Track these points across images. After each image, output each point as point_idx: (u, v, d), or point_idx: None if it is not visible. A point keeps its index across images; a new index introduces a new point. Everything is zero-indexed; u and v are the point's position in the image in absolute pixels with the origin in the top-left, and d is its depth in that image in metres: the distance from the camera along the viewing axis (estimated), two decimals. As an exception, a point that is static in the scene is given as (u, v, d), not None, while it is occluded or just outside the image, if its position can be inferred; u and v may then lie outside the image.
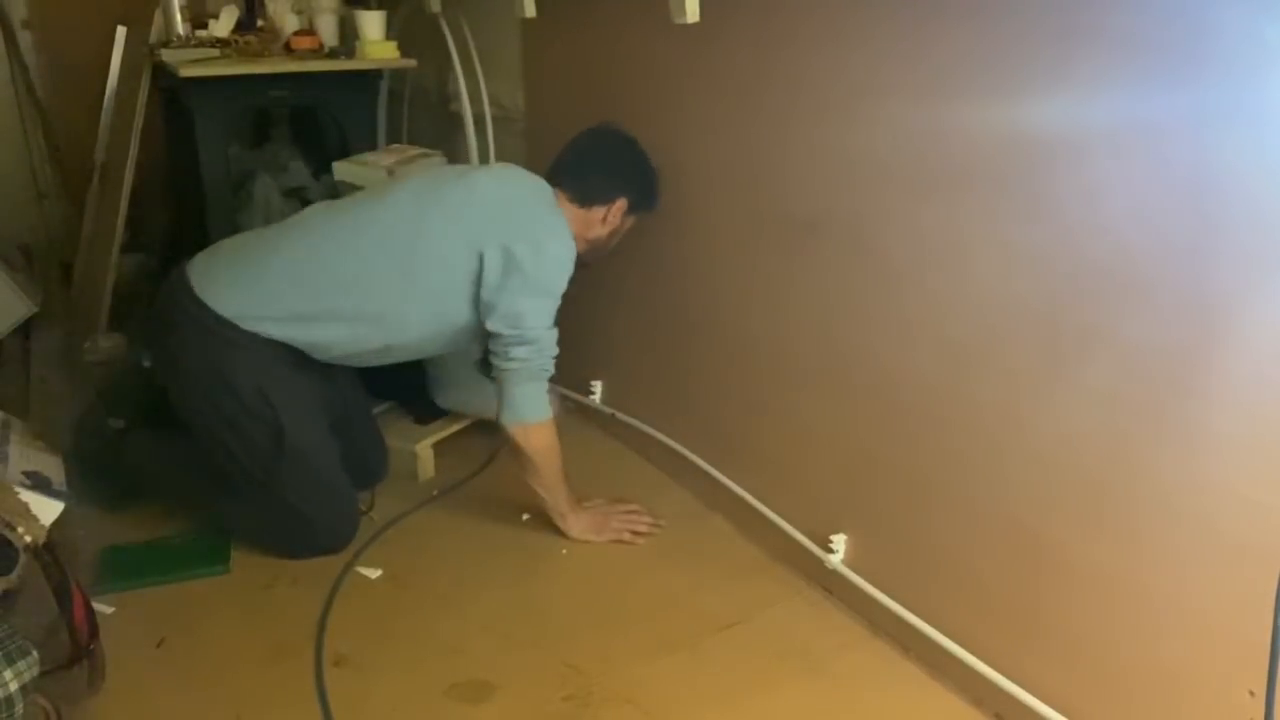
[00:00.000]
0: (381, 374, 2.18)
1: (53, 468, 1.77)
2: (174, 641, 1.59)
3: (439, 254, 1.77)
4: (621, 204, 1.90)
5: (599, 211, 1.89)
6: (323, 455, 1.82)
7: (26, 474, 1.69)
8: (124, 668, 1.48)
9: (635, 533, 1.87)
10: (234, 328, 1.72)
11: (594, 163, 1.91)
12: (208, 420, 1.78)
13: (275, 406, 1.74)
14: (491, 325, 1.76)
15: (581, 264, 1.89)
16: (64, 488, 1.72)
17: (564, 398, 2.32)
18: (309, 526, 1.80)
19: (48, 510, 1.52)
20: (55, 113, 3.27)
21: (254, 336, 1.73)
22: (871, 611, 1.61)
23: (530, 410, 1.79)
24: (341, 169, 2.17)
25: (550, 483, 1.85)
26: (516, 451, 1.82)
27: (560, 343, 1.81)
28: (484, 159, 2.50)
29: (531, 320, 1.76)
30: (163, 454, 1.91)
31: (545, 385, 1.81)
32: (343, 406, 1.94)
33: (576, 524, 1.86)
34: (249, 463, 1.78)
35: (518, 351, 1.75)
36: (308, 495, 1.79)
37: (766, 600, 1.69)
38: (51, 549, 1.39)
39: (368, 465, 2.02)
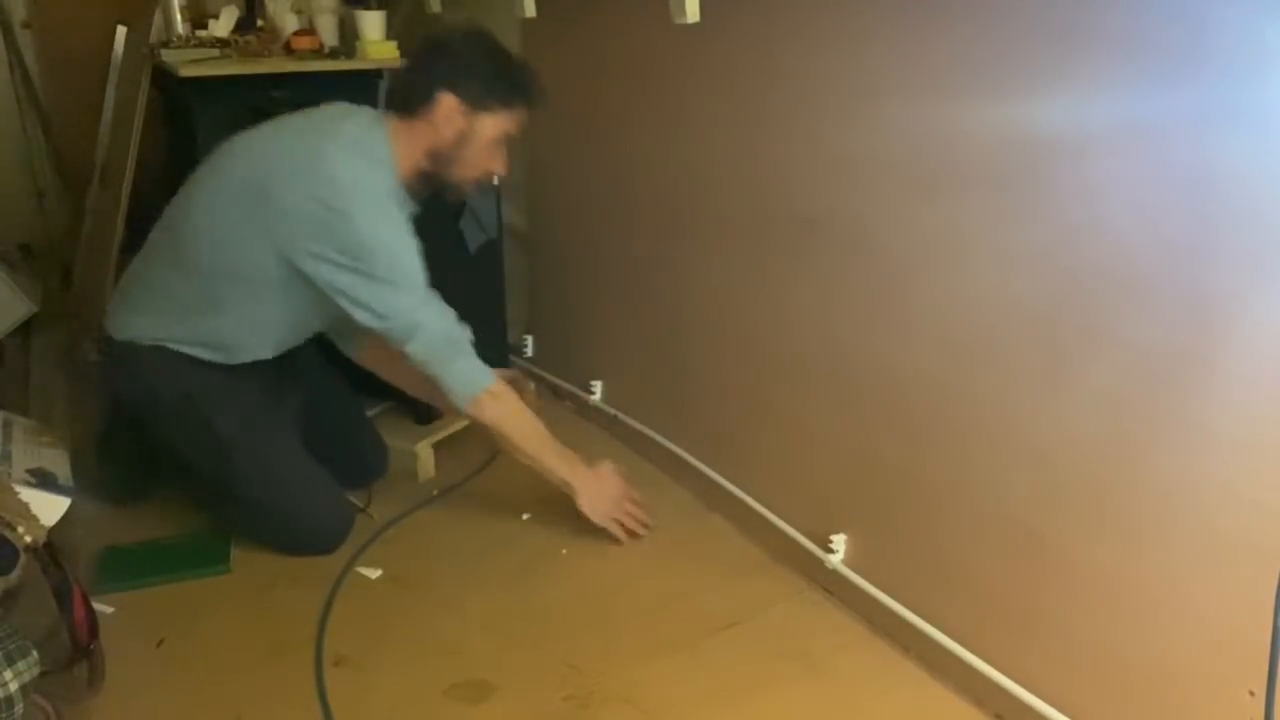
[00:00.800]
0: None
1: (58, 464, 1.77)
2: (174, 641, 1.59)
3: (260, 266, 1.65)
4: (450, 101, 1.66)
5: (425, 116, 1.67)
6: (278, 454, 1.80)
7: (31, 471, 1.69)
8: (124, 668, 1.48)
9: (630, 533, 1.84)
10: (137, 348, 1.75)
11: (412, 65, 1.74)
12: (159, 436, 1.82)
13: (204, 410, 1.75)
14: (362, 324, 1.65)
15: (444, 186, 1.75)
16: (69, 483, 1.73)
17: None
18: (287, 525, 1.81)
19: (53, 507, 1.52)
20: (55, 113, 3.27)
21: (159, 349, 1.74)
22: (871, 611, 1.61)
23: (468, 384, 1.69)
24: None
25: (533, 449, 1.75)
26: (485, 431, 1.74)
27: (559, 342, 1.77)
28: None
29: (395, 309, 1.62)
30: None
31: (469, 353, 1.69)
32: (298, 399, 1.92)
33: (586, 491, 1.77)
34: (208, 471, 1.80)
35: (412, 347, 1.65)
36: (276, 496, 1.79)
37: (766, 600, 1.69)
38: (51, 549, 1.39)
39: (364, 462, 2.02)
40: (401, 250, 1.63)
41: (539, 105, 1.75)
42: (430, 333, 1.66)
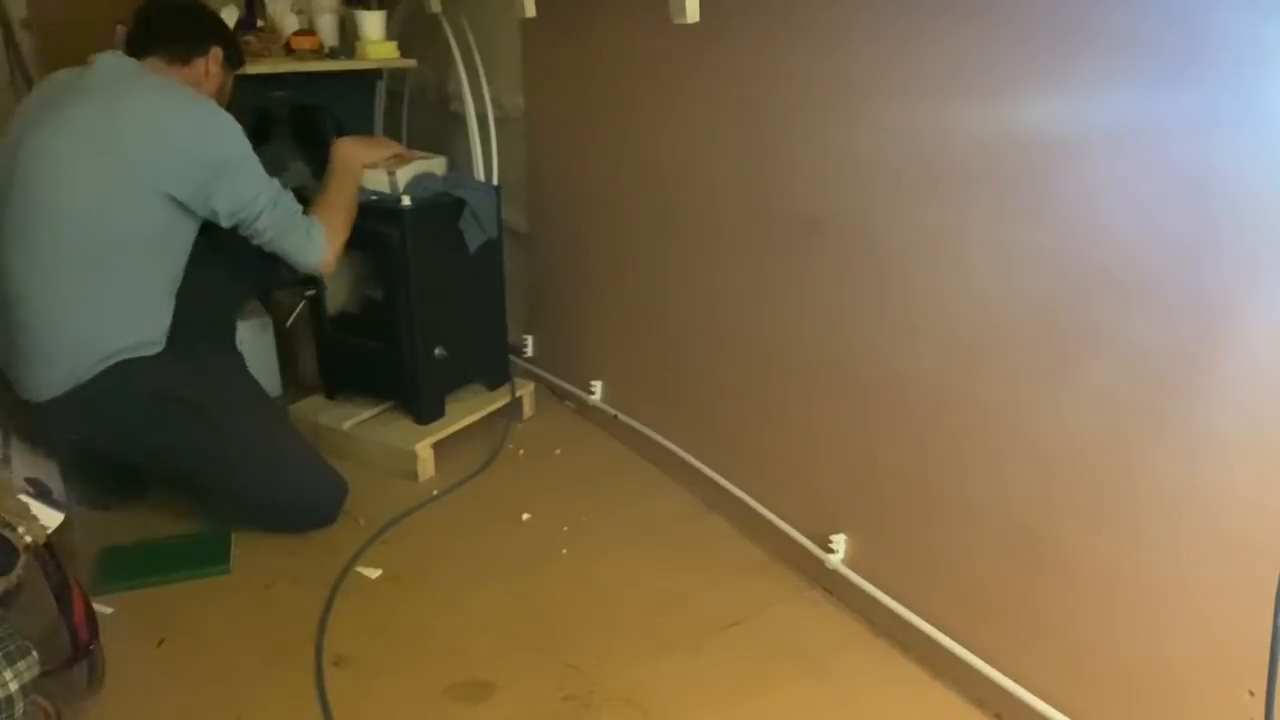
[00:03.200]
0: (381, 372, 2.18)
1: (53, 476, 1.77)
2: (174, 641, 1.59)
3: (147, 220, 1.75)
4: (217, 53, 1.93)
5: (200, 65, 1.90)
6: (264, 429, 1.88)
7: (29, 480, 1.69)
8: (124, 668, 1.48)
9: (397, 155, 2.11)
10: (87, 386, 1.74)
11: (177, 20, 1.91)
12: (138, 459, 1.89)
13: (185, 404, 1.79)
14: (225, 222, 1.80)
15: None
16: (63, 498, 1.72)
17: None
18: (288, 499, 1.86)
19: (48, 519, 1.52)
20: (55, 113, 3.26)
21: (107, 373, 1.74)
22: (871, 611, 1.62)
23: (315, 250, 1.86)
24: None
25: (353, 208, 1.98)
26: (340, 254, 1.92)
27: (559, 342, 1.79)
28: (485, 159, 2.50)
29: (253, 191, 1.79)
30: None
31: (305, 223, 1.87)
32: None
33: (358, 155, 2.03)
34: (200, 466, 1.83)
35: (261, 223, 1.80)
36: (272, 471, 1.84)
37: (766, 600, 1.69)
38: (51, 549, 1.39)
39: None
40: (235, 132, 1.80)
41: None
42: (274, 209, 1.82)
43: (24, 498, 1.50)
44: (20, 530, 1.31)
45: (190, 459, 1.83)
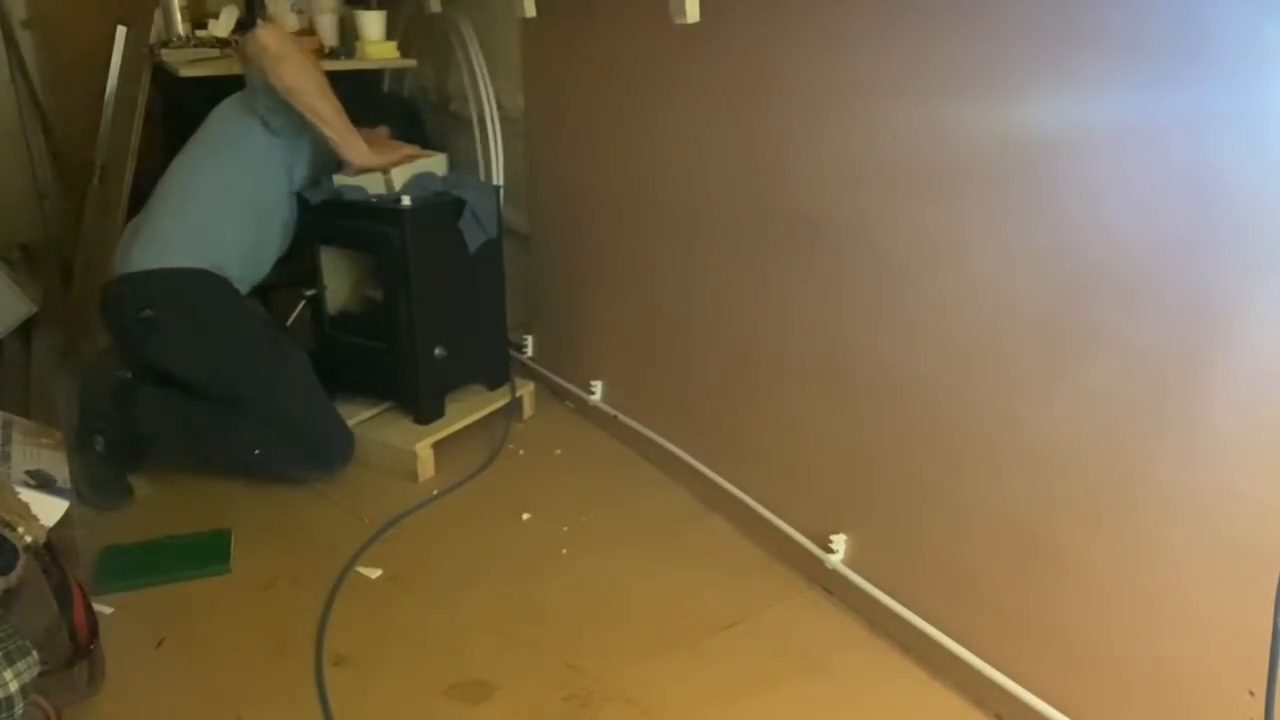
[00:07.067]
0: (381, 372, 2.19)
1: (56, 465, 1.77)
2: (174, 641, 1.59)
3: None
4: None
5: None
6: (301, 365, 2.06)
7: (30, 473, 1.69)
8: (124, 668, 1.48)
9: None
10: (194, 273, 2.00)
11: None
12: (191, 366, 2.00)
13: (249, 320, 2.06)
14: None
15: None
16: (67, 485, 1.72)
17: None
18: (313, 431, 2.02)
19: (52, 509, 1.52)
20: (55, 113, 3.27)
21: (207, 274, 2.01)
22: (871, 611, 1.61)
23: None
24: (341, 175, 2.18)
25: (318, 93, 2.03)
26: (274, 68, 1.98)
27: (559, 342, 1.79)
28: (484, 158, 2.50)
29: None
30: (171, 399, 2.03)
31: None
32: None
33: (363, 153, 2.08)
34: (239, 383, 1.99)
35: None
36: (303, 401, 2.02)
37: (766, 600, 1.69)
38: (51, 549, 1.39)
39: None
40: None
41: None
42: None
43: (25, 493, 1.51)
44: (20, 530, 1.31)
45: (248, 360, 2.01)
